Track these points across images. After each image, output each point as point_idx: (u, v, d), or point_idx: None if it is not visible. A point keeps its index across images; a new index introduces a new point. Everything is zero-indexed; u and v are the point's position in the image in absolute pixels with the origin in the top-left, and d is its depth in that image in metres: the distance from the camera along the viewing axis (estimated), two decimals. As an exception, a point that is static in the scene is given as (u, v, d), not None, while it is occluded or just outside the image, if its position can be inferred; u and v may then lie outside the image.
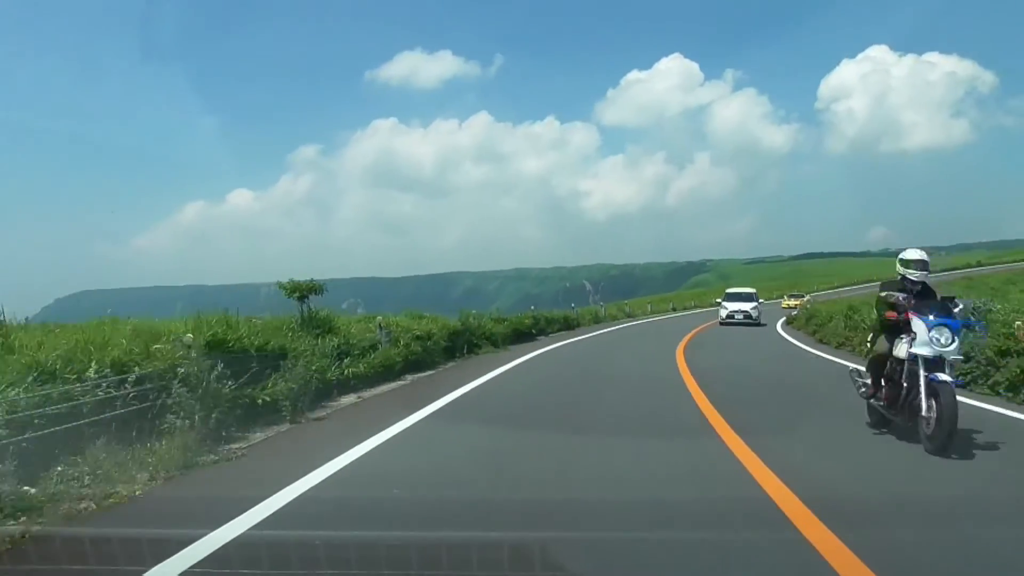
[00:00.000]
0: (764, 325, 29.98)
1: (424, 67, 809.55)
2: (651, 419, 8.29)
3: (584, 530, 4.20)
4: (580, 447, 6.58)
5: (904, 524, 4.27)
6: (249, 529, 4.09)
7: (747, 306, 31.37)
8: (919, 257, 6.83)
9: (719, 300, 33.61)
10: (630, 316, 43.20)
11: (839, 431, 7.25)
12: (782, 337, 24.16)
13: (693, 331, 25.98)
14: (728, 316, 30.98)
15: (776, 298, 59.05)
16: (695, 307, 59.34)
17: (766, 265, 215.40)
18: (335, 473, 5.43)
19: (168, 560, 3.49)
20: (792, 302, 41.85)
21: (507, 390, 10.93)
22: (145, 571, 3.36)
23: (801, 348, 19.37)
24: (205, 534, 3.86)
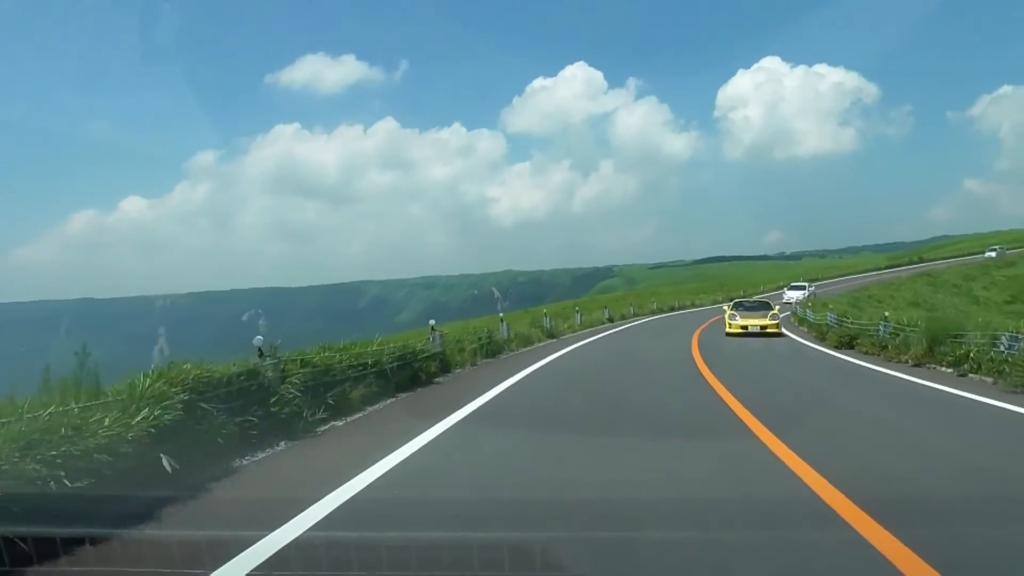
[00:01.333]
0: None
1: (327, 71, 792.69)
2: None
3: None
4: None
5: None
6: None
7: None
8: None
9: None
10: (600, 322, 35.55)
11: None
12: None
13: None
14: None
15: (706, 306, 52.47)
16: (677, 308, 51.75)
17: (670, 269, 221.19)
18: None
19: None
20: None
21: None
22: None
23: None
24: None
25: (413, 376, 11.67)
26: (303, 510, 4.45)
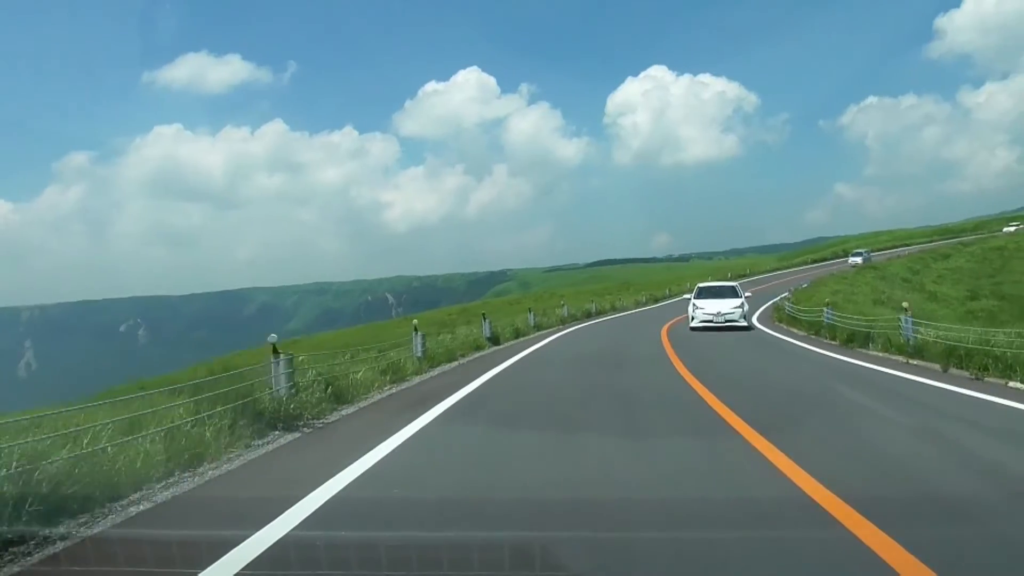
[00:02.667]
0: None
1: (211, 71, 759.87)
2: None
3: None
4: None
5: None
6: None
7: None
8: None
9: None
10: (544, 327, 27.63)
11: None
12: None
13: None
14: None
15: (630, 309, 43.46)
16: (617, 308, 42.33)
17: (564, 273, 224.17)
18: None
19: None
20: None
21: None
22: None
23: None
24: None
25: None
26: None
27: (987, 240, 67.51)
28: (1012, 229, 73.32)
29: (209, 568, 3.48)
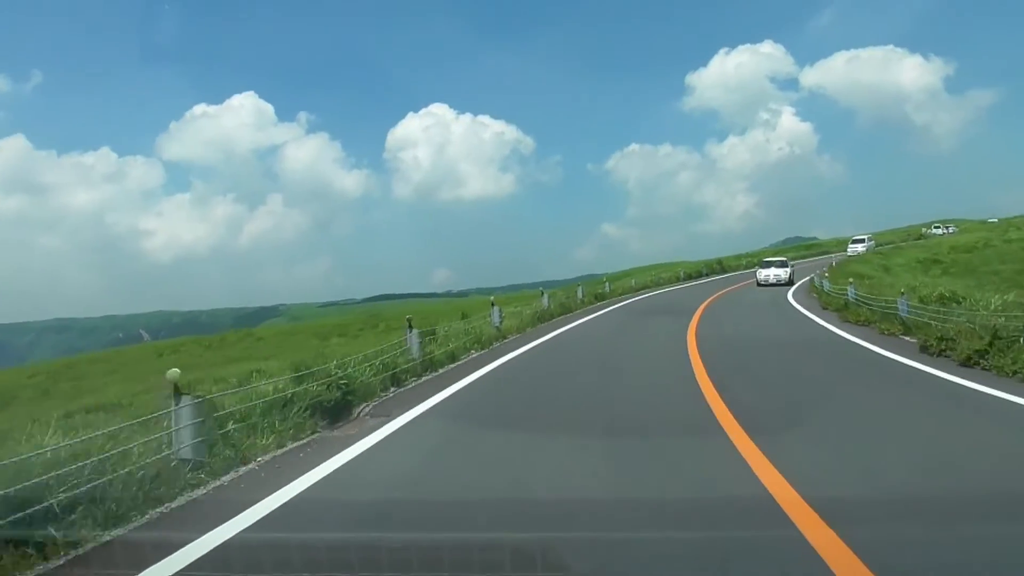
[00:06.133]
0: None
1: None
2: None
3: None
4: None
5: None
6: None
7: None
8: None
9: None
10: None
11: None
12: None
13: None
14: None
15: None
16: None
17: (340, 307, 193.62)
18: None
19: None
20: None
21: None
22: None
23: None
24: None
25: None
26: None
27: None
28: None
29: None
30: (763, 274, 37.00)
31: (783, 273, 36.19)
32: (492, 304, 18.11)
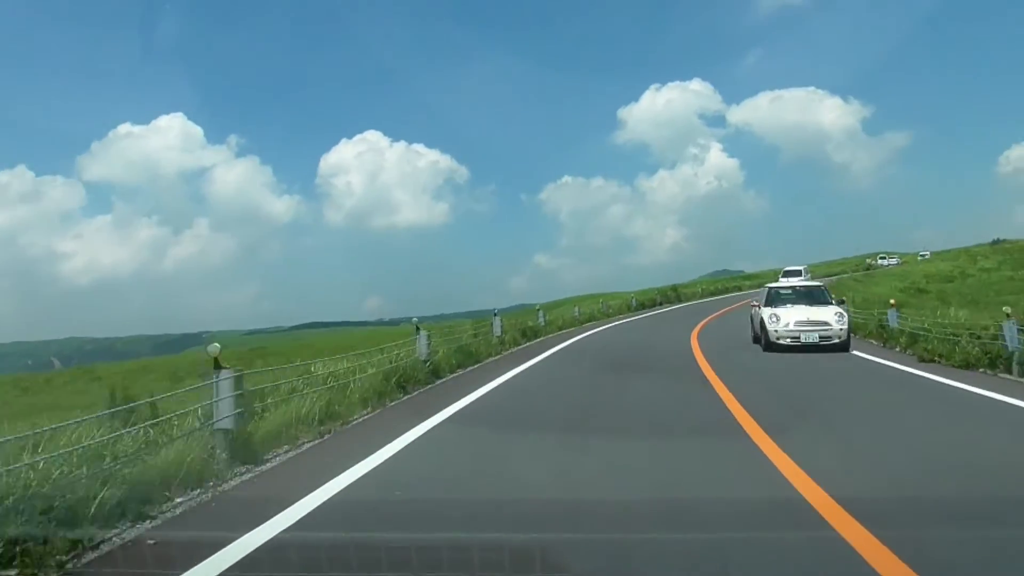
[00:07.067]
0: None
1: None
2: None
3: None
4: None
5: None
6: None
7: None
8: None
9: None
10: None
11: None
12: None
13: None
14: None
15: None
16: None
17: (267, 335, 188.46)
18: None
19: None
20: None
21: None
22: None
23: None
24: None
25: None
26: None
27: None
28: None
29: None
30: (785, 323, 16.09)
31: (832, 318, 16.05)
32: (417, 330, 13.21)
